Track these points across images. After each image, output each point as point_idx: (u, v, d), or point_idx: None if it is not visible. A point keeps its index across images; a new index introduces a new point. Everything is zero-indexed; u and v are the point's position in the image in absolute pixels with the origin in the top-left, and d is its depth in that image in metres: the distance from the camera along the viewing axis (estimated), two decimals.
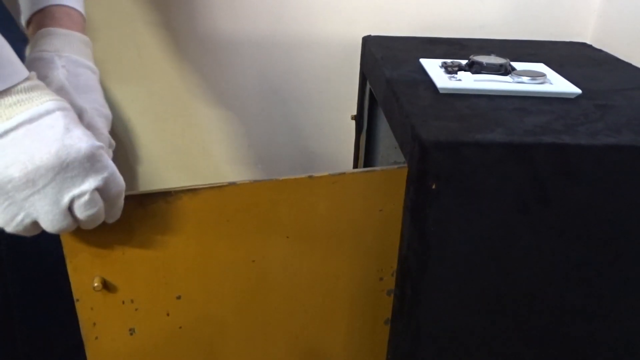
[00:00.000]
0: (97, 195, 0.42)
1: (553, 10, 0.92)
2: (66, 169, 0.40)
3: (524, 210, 0.50)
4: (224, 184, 0.51)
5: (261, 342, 0.60)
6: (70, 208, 0.42)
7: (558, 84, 0.62)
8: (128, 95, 0.99)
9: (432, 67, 0.67)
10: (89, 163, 0.41)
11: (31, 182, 0.39)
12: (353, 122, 0.96)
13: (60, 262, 0.52)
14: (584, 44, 0.90)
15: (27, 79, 0.41)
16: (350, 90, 0.98)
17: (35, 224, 0.42)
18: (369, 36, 0.88)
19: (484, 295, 0.55)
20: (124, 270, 0.53)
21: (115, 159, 0.98)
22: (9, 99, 0.39)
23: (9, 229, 0.41)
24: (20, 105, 0.39)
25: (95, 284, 0.52)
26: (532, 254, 0.52)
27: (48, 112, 0.40)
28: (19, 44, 0.78)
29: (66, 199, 0.41)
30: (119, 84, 0.98)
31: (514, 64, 0.66)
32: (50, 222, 0.42)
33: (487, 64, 0.63)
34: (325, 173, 0.53)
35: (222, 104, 1.01)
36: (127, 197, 0.48)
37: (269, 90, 1.00)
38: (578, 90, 0.60)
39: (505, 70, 0.64)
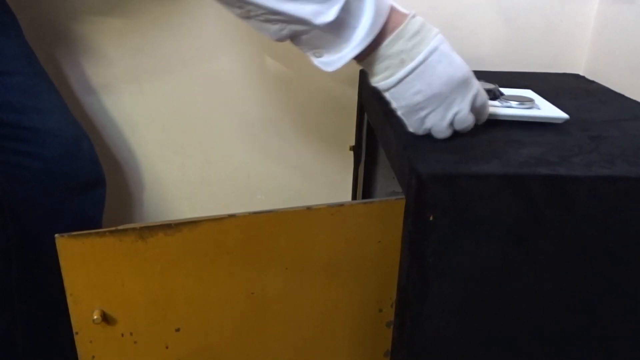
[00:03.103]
0: (467, 110, 0.56)
1: (546, 43, 0.94)
2: (450, 94, 0.55)
3: (521, 240, 0.51)
4: (224, 216, 0.52)
5: None
6: (451, 122, 0.56)
7: (546, 109, 0.63)
8: (128, 126, 1.01)
9: None
10: (465, 84, 0.55)
11: (428, 104, 0.55)
12: (351, 153, 0.97)
13: None
14: (576, 76, 0.92)
15: (413, 16, 0.55)
16: (348, 122, 0.99)
17: (429, 130, 0.57)
18: None
19: (483, 326, 0.54)
20: (124, 303, 0.53)
21: (115, 190, 0.98)
22: (410, 42, 0.54)
23: (417, 132, 0.58)
24: (417, 46, 0.54)
25: (95, 317, 0.52)
26: (530, 284, 0.53)
27: (435, 49, 0.54)
28: (35, 78, 0.80)
29: (449, 115, 0.56)
30: (120, 115, 0.99)
31: (503, 90, 0.68)
32: (438, 131, 0.57)
33: None
34: (324, 205, 0.53)
35: (221, 135, 1.02)
36: (127, 230, 0.49)
37: (268, 121, 1.01)
38: (565, 116, 0.61)
39: (494, 95, 0.65)
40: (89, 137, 0.87)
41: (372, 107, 0.77)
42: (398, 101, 0.57)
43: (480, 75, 0.88)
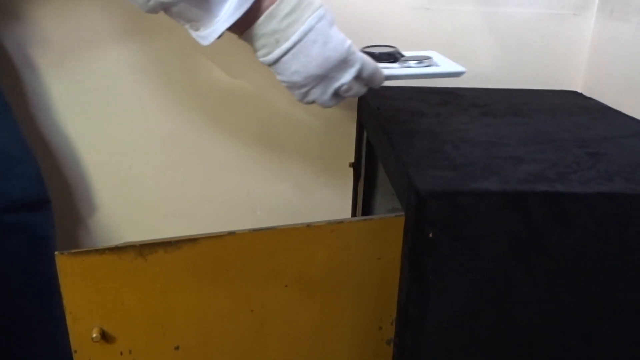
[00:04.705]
0: (353, 82, 0.57)
1: (544, 60, 0.95)
2: (328, 73, 0.56)
3: (520, 257, 0.51)
4: (223, 233, 0.52)
5: None
6: (336, 92, 0.58)
7: (444, 66, 0.65)
8: (129, 144, 1.01)
9: None
10: (344, 63, 0.56)
11: (307, 83, 0.56)
12: (351, 170, 0.97)
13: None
14: (574, 93, 0.93)
15: None
16: (347, 138, 0.99)
17: (313, 102, 0.59)
18: None
19: (484, 343, 0.54)
20: (123, 321, 0.53)
21: (113, 207, 0.97)
22: (284, 22, 0.53)
23: (302, 102, 0.60)
24: (292, 26, 0.53)
25: (94, 335, 0.52)
26: (530, 301, 0.53)
27: (311, 29, 0.53)
28: None
29: (331, 90, 0.58)
30: (120, 131, 1.00)
31: (405, 52, 0.70)
32: (322, 103, 0.59)
33: (378, 53, 0.66)
34: (324, 222, 0.53)
35: (221, 152, 1.02)
36: (127, 248, 0.49)
37: (267, 138, 1.01)
38: (462, 69, 0.64)
39: (394, 59, 0.67)
40: (34, 157, 0.86)
41: (371, 124, 0.78)
42: (280, 76, 0.57)
43: (480, 92, 0.89)
